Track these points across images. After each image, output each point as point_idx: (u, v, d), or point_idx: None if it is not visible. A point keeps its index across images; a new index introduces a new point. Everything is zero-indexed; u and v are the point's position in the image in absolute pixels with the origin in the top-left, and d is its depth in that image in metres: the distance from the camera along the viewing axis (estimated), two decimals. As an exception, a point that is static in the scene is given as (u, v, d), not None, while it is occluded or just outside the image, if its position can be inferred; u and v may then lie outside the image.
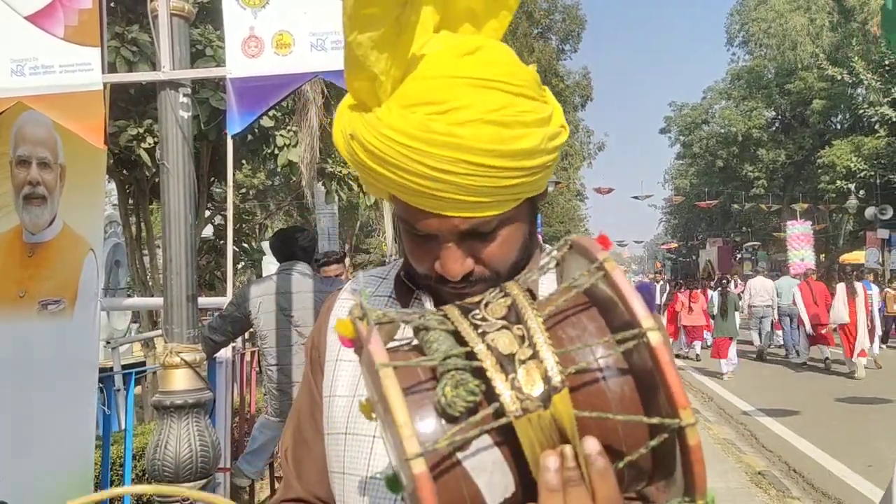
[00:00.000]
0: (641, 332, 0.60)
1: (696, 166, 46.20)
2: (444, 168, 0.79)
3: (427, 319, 0.68)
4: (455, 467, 0.61)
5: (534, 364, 0.61)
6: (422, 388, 0.64)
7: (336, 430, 0.99)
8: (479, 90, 0.80)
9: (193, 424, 2.33)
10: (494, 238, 0.89)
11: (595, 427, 0.62)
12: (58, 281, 3.25)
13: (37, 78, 2.41)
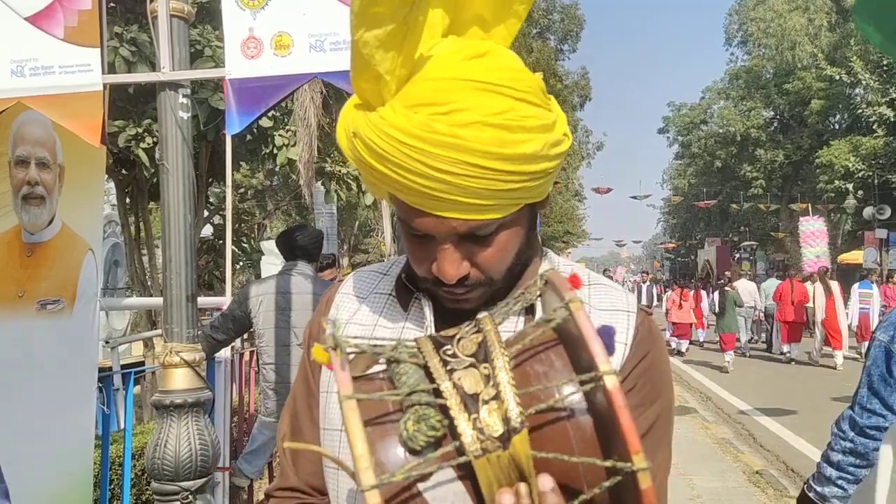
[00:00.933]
0: (598, 376, 0.62)
1: (695, 166, 46.23)
2: (445, 168, 0.79)
3: (399, 352, 0.70)
4: (415, 498, 0.64)
5: (496, 405, 0.64)
6: (388, 419, 0.66)
7: (332, 426, 1.00)
8: (482, 93, 0.81)
9: (193, 424, 2.34)
10: (492, 242, 0.88)
11: (555, 465, 0.64)
12: (57, 281, 3.26)
13: (37, 78, 2.42)
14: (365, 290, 1.09)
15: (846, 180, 27.42)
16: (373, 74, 0.81)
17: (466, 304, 0.93)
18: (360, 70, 0.82)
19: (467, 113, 0.79)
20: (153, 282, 7.77)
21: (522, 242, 0.94)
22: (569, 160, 36.27)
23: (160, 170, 2.38)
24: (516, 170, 0.82)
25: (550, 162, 0.86)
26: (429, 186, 0.81)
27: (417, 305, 1.01)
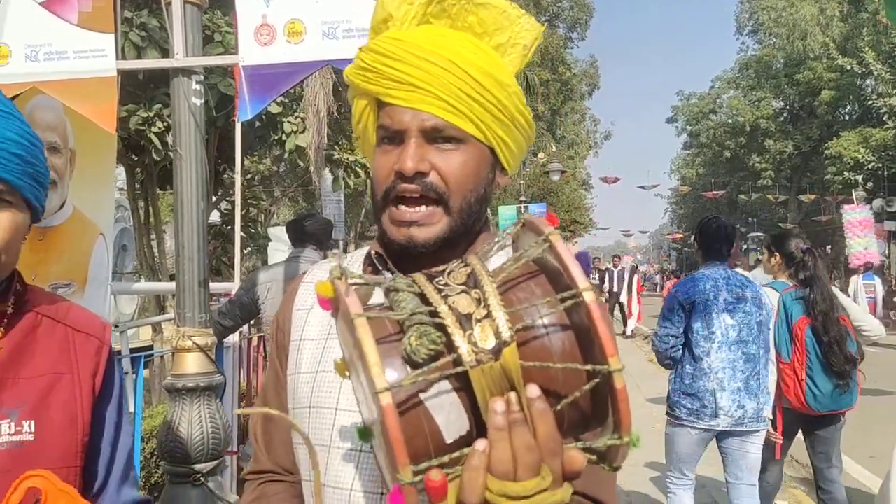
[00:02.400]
0: (578, 293, 0.71)
1: (703, 156, 46.01)
2: (428, 59, 0.96)
3: (397, 283, 0.78)
4: (417, 406, 0.70)
5: (488, 322, 0.71)
6: (390, 339, 0.72)
7: (301, 404, 1.08)
8: (472, 41, 1.01)
9: (205, 407, 2.37)
10: (453, 154, 0.99)
11: (539, 376, 0.71)
12: (68, 265, 3.29)
13: (51, 63, 2.44)
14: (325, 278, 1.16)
15: (855, 172, 27.26)
16: (386, 16, 1.02)
17: (419, 232, 1.00)
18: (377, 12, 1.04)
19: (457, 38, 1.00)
20: (162, 266, 7.82)
21: (480, 187, 1.03)
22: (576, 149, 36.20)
23: (174, 156, 2.39)
24: (486, 84, 0.97)
25: (515, 109, 1.01)
26: (411, 74, 0.96)
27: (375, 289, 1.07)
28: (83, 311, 1.21)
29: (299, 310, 1.15)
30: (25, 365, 1.08)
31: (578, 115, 37.69)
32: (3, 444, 1.01)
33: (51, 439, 1.06)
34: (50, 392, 1.08)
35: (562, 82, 32.21)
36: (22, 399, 1.05)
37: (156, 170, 6.95)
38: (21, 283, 1.13)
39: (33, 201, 1.07)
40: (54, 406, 1.08)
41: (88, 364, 1.14)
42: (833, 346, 3.66)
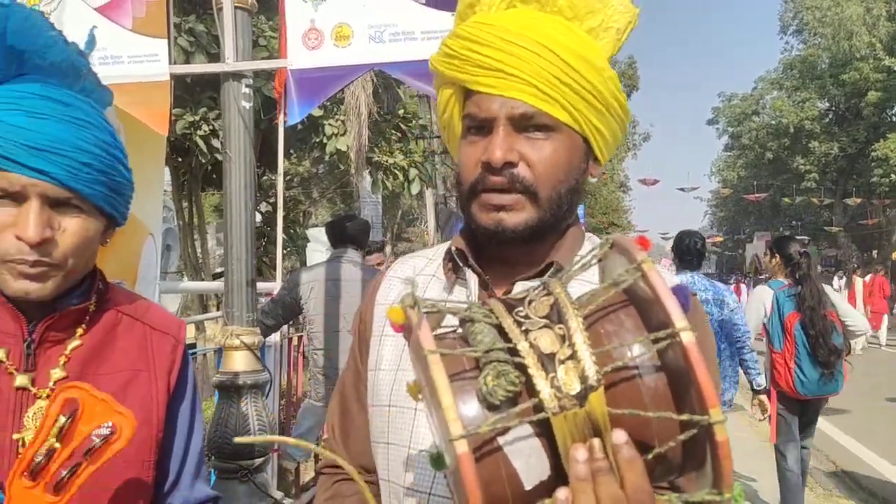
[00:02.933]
0: (674, 332, 0.64)
1: (745, 158, 45.20)
2: (518, 42, 0.91)
3: (473, 312, 0.73)
4: (495, 451, 0.65)
5: (572, 364, 0.65)
6: (465, 375, 0.68)
7: (380, 402, 1.05)
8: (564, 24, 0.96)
9: (252, 404, 2.41)
10: (544, 144, 0.94)
11: (628, 421, 0.65)
12: (120, 264, 3.38)
13: (106, 68, 2.50)
14: (410, 273, 1.15)
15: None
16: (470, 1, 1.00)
17: (507, 217, 0.95)
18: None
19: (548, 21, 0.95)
20: (205, 266, 7.97)
21: (572, 178, 0.98)
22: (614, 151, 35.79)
23: (223, 158, 2.44)
24: (579, 68, 0.92)
25: (609, 95, 0.95)
26: (500, 60, 0.92)
27: (462, 281, 1.05)
28: (160, 310, 1.24)
29: (381, 304, 1.12)
30: (105, 361, 1.11)
31: (616, 117, 37.26)
32: None
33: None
34: (128, 388, 1.11)
35: (600, 84, 31.88)
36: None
37: (200, 171, 7.08)
38: (103, 281, 1.16)
39: (107, 209, 1.09)
40: (131, 402, 1.09)
41: (164, 362, 1.17)
42: (819, 338, 4.12)
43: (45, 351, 1.06)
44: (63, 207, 1.02)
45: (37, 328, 1.05)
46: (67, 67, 1.07)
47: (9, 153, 0.96)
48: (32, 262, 0.99)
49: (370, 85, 7.05)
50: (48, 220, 1.00)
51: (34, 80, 1.05)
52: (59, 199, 1.01)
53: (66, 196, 1.01)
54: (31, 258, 0.99)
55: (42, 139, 0.98)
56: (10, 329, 1.05)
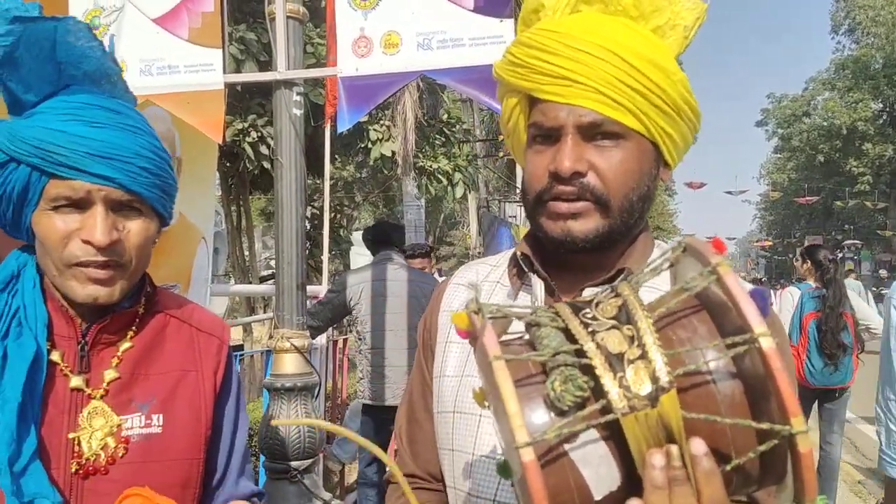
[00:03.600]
0: (753, 338, 0.61)
1: (796, 161, 44.16)
2: (585, 50, 0.89)
3: (539, 316, 0.71)
4: (562, 457, 0.63)
5: (642, 364, 0.63)
6: (532, 381, 0.66)
7: (445, 408, 1.05)
8: (631, 26, 0.94)
9: (301, 406, 2.45)
10: (613, 152, 0.92)
11: (703, 429, 0.62)
12: (175, 267, 3.48)
13: (163, 77, 2.58)
14: (473, 279, 1.15)
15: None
16: (537, 5, 0.99)
17: (575, 225, 0.93)
18: (528, 1, 1.00)
19: (614, 25, 0.93)
20: (252, 269, 8.12)
21: (643, 185, 0.95)
22: (660, 154, 35.25)
23: (275, 164, 2.49)
24: (647, 72, 0.89)
25: (679, 97, 0.92)
26: (567, 67, 0.90)
27: (527, 287, 1.04)
28: (206, 312, 1.28)
29: (446, 311, 1.12)
30: (155, 362, 1.14)
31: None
32: (135, 437, 1.08)
33: (177, 433, 1.12)
34: (177, 388, 1.14)
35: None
36: (152, 394, 1.12)
37: (248, 176, 7.23)
38: (151, 285, 1.20)
39: (161, 210, 1.14)
40: (181, 401, 1.14)
41: (211, 362, 1.20)
42: (828, 333, 4.70)
43: (98, 353, 1.10)
44: (124, 211, 1.06)
45: (90, 331, 1.09)
46: (101, 76, 1.11)
47: (74, 162, 1.01)
48: (101, 263, 1.03)
49: (416, 91, 7.10)
50: (113, 223, 1.04)
51: (82, 90, 1.09)
52: (121, 203, 1.05)
53: (127, 199, 1.05)
54: (99, 259, 1.02)
55: (103, 147, 1.02)
56: (64, 332, 1.08)
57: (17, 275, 1.09)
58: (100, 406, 1.07)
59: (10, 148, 1.01)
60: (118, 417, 1.08)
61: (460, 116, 12.40)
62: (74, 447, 1.05)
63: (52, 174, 1.02)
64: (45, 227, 1.03)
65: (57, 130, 1.01)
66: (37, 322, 1.05)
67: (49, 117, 1.03)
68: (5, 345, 1.03)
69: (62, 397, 1.06)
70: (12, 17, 1.02)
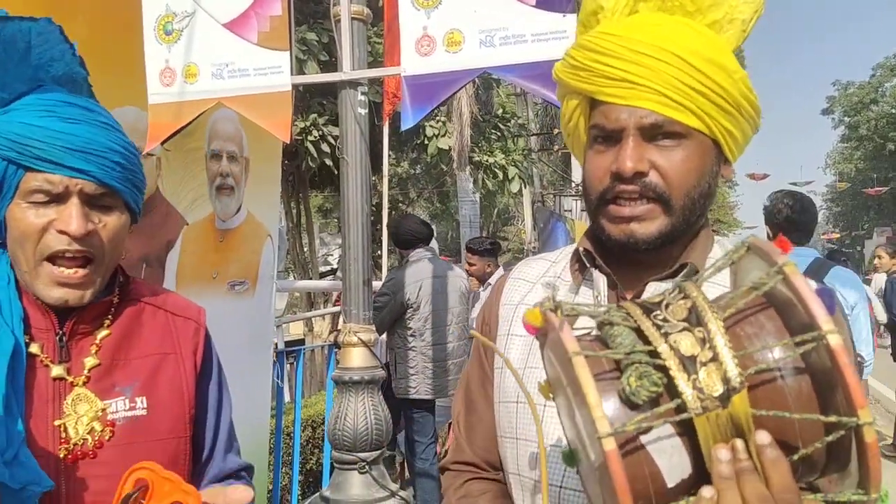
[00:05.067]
0: (821, 335, 0.64)
1: (863, 150, 42.52)
2: (646, 52, 0.91)
3: (611, 315, 0.75)
4: (639, 449, 0.68)
5: (714, 367, 0.67)
6: (605, 376, 0.70)
7: (508, 398, 1.09)
8: (690, 26, 0.95)
9: (368, 399, 2.51)
10: (674, 151, 0.94)
11: (771, 422, 0.67)
12: (242, 264, 3.58)
13: (234, 80, 2.66)
14: (534, 275, 1.18)
15: None
16: (596, 7, 0.99)
17: (638, 228, 0.96)
18: (587, 4, 1.00)
19: (674, 26, 0.94)
20: (312, 265, 8.29)
21: (704, 182, 0.97)
22: (719, 145, 34.38)
23: (341, 163, 2.55)
24: (708, 72, 0.90)
25: (740, 95, 0.93)
26: (627, 70, 0.91)
27: (588, 285, 1.07)
28: (180, 298, 1.33)
29: (506, 305, 1.15)
30: (133, 347, 1.19)
31: (722, 110, 35.87)
32: (120, 419, 1.13)
33: (161, 413, 1.17)
34: (157, 370, 1.19)
35: (704, 76, 30.78)
36: (134, 378, 1.17)
37: (307, 175, 7.38)
38: (124, 275, 1.25)
39: (132, 204, 1.17)
40: (162, 383, 1.19)
41: (189, 344, 1.25)
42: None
43: (76, 343, 1.14)
44: (98, 205, 1.11)
45: (67, 322, 1.13)
46: (68, 80, 1.15)
47: (51, 155, 1.05)
48: (75, 254, 1.07)
49: (471, 86, 7.12)
50: (87, 215, 1.08)
51: (54, 89, 1.13)
52: (95, 196, 1.09)
53: (101, 193, 1.10)
54: (74, 248, 1.06)
55: (78, 141, 1.07)
56: (41, 325, 1.12)
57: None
58: (83, 392, 1.11)
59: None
60: (102, 402, 1.12)
61: (515, 111, 12.34)
62: (61, 434, 1.09)
63: (29, 167, 1.05)
64: (19, 220, 1.07)
65: (34, 125, 1.05)
66: (13, 317, 1.08)
67: (25, 113, 1.07)
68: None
69: (45, 387, 1.10)
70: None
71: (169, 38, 2.79)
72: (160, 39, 2.77)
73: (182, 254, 3.18)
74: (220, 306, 3.38)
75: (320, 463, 4.86)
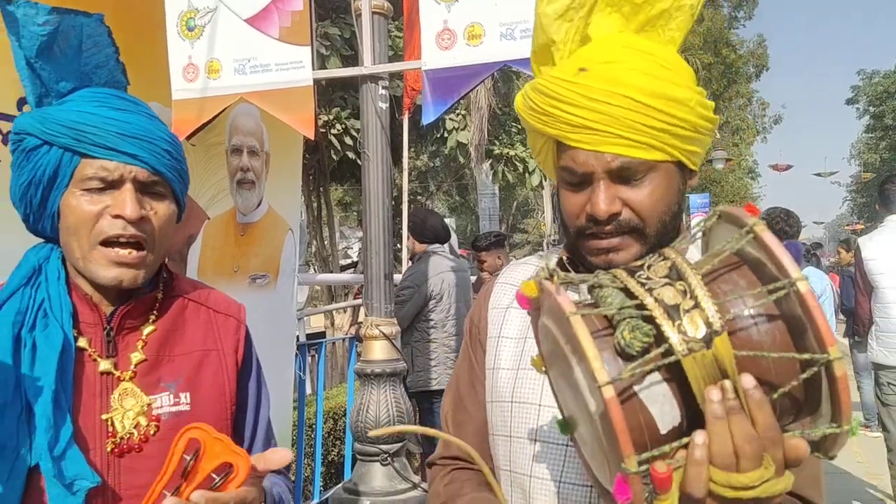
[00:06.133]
0: (792, 282, 0.70)
1: (889, 140, 41.84)
2: (603, 100, 0.92)
3: (600, 279, 0.81)
4: (633, 397, 0.72)
5: (696, 312, 0.72)
6: (600, 334, 0.76)
7: (502, 398, 1.12)
8: (641, 55, 0.95)
9: (390, 391, 2.53)
10: (643, 186, 0.97)
11: (752, 366, 0.72)
12: (264, 258, 3.62)
13: (256, 76, 2.69)
14: (521, 278, 1.21)
15: None
16: (548, 40, 0.99)
17: (616, 257, 0.99)
18: (539, 34, 1.01)
19: (626, 63, 0.94)
20: (333, 258, 8.33)
21: (673, 201, 1.00)
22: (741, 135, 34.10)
23: (362, 157, 2.57)
24: (666, 109, 0.92)
25: (698, 119, 0.95)
26: (588, 118, 0.93)
27: (573, 289, 1.07)
28: (221, 295, 1.34)
29: (495, 308, 1.20)
30: (177, 343, 1.20)
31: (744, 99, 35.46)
32: (165, 414, 1.14)
33: (204, 408, 1.18)
34: (200, 367, 1.21)
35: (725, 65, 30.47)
36: (178, 374, 1.18)
37: (328, 168, 7.41)
38: (167, 271, 1.26)
39: (179, 195, 1.20)
40: (205, 379, 1.20)
41: (230, 341, 1.26)
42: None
43: (123, 337, 1.16)
44: (150, 192, 1.13)
45: (114, 317, 1.14)
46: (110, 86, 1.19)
47: (106, 141, 1.08)
48: (129, 238, 1.09)
49: (490, 79, 7.11)
50: (140, 201, 1.11)
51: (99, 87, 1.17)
52: (147, 184, 1.12)
53: (153, 180, 1.12)
54: (129, 233, 1.09)
55: (131, 128, 1.10)
56: (89, 319, 1.14)
57: (39, 269, 1.14)
58: (129, 387, 1.13)
59: (44, 131, 1.08)
60: (148, 397, 1.14)
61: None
62: (108, 428, 1.10)
63: (84, 154, 1.08)
64: (74, 208, 1.09)
65: (90, 113, 1.09)
66: (62, 312, 1.10)
67: (80, 103, 1.11)
68: (33, 336, 1.08)
69: (93, 381, 1.11)
70: (49, 8, 1.10)
71: (192, 34, 2.82)
72: (183, 35, 2.80)
73: (203, 248, 3.22)
74: (242, 300, 3.37)
75: (342, 455, 4.90)
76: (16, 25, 1.09)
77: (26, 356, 1.06)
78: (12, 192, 1.14)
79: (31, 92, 1.12)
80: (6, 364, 1.05)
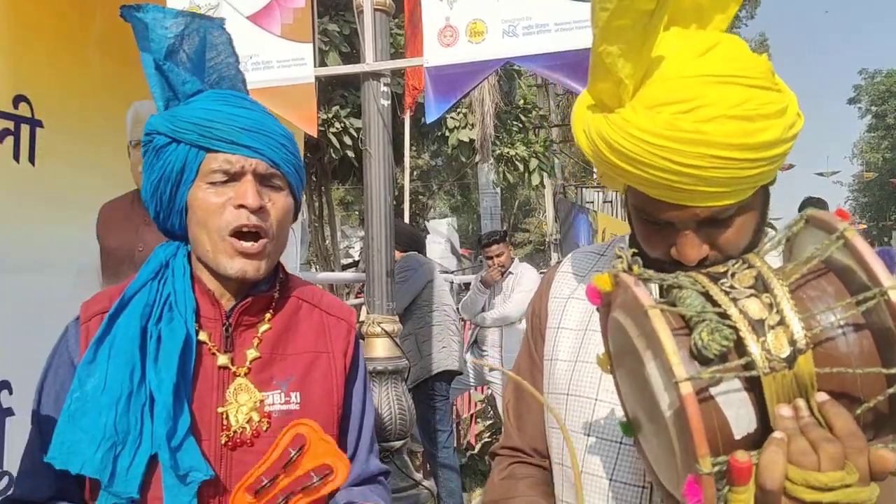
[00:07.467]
0: (883, 291, 0.67)
1: (891, 139, 41.80)
2: (691, 163, 0.83)
3: (680, 279, 0.79)
4: (709, 399, 0.71)
5: (781, 329, 0.70)
6: (677, 332, 0.73)
7: (558, 390, 1.10)
8: (720, 86, 0.84)
9: (392, 389, 2.53)
10: (730, 224, 0.91)
11: (835, 380, 0.70)
12: (265, 256, 3.61)
13: (258, 72, 2.68)
14: (583, 269, 1.19)
15: None
16: (614, 79, 0.86)
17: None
18: (601, 76, 0.88)
19: (709, 108, 0.83)
20: (335, 257, 8.32)
21: (758, 221, 0.96)
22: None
23: (364, 154, 2.56)
24: (758, 157, 0.85)
25: (787, 144, 0.88)
26: (673, 180, 0.85)
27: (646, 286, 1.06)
28: (333, 298, 1.36)
29: (556, 298, 1.18)
30: (291, 343, 1.22)
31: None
32: (275, 412, 1.16)
33: (313, 409, 1.19)
34: (311, 368, 1.22)
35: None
36: (290, 373, 1.20)
37: (329, 167, 7.40)
38: (283, 272, 1.28)
39: (295, 189, 1.22)
40: (315, 380, 1.21)
41: (340, 344, 1.27)
42: None
43: (240, 334, 1.19)
44: (268, 184, 1.16)
45: (233, 313, 1.17)
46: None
47: (230, 135, 1.12)
48: (252, 228, 1.12)
49: (493, 77, 7.10)
50: (260, 192, 1.14)
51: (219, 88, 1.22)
52: (265, 176, 1.15)
53: (271, 172, 1.15)
54: (252, 222, 1.11)
55: (251, 123, 1.14)
56: (210, 315, 1.18)
57: (166, 264, 1.19)
58: (244, 383, 1.15)
59: (172, 129, 1.13)
60: (260, 394, 1.16)
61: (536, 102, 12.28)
62: (223, 421, 1.13)
63: (209, 149, 1.12)
64: (201, 200, 1.14)
65: (214, 109, 1.13)
66: (186, 308, 1.14)
67: (205, 101, 1.15)
68: (159, 329, 1.12)
69: (211, 375, 1.14)
70: (177, 11, 1.17)
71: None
72: (185, 33, 2.80)
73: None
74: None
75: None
76: (144, 30, 1.16)
77: (151, 348, 1.10)
78: (144, 190, 1.19)
79: (159, 96, 1.17)
80: (135, 355, 1.09)
